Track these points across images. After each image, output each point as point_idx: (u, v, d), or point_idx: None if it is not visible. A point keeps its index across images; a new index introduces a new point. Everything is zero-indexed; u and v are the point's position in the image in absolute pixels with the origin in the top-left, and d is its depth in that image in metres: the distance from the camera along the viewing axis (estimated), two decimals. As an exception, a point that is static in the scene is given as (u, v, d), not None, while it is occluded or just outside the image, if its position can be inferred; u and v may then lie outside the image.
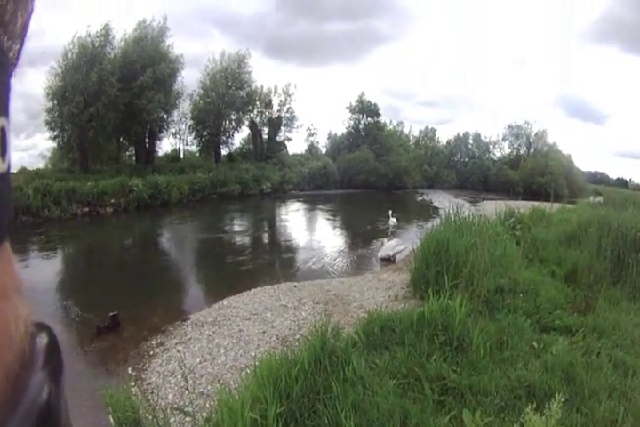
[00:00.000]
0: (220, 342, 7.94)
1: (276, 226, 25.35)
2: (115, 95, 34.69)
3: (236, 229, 24.07)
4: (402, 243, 15.82)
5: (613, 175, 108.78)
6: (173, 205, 31.73)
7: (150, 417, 4.76)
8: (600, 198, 22.60)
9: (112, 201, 29.81)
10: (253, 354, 7.27)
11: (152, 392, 6.41)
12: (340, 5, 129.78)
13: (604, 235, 9.55)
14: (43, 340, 0.43)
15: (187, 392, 5.75)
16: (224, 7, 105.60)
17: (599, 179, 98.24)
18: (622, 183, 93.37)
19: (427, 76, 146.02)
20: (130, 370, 7.40)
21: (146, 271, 14.98)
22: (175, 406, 5.77)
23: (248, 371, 6.00)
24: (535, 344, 5.68)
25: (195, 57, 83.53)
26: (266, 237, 21.41)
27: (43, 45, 72.81)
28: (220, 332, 8.47)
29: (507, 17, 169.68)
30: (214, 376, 6.68)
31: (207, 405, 5.66)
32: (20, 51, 0.39)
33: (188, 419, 5.09)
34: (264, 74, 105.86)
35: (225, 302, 10.35)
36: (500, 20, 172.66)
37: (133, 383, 6.70)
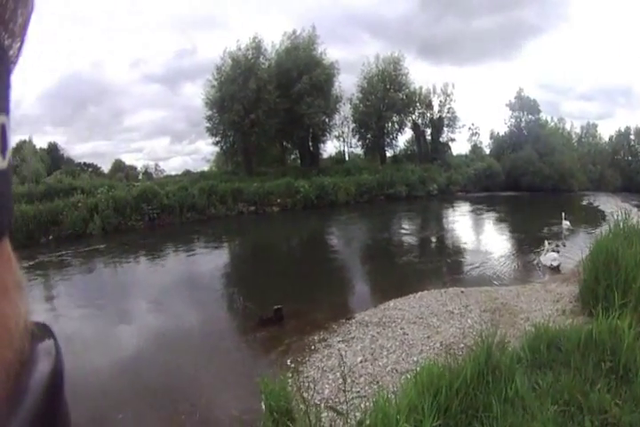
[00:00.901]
0: (383, 344, 7.93)
1: (444, 228, 24.99)
2: (274, 102, 36.92)
3: (404, 230, 24.02)
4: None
5: None
6: (340, 206, 32.47)
7: (302, 410, 4.83)
8: None
9: (278, 201, 31.62)
10: (415, 359, 7.17)
11: (308, 386, 6.47)
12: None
13: None
14: (43, 339, 0.44)
15: (342, 390, 5.78)
16: (371, 11, 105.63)
17: None
18: None
19: (582, 68, 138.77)
20: (289, 362, 7.63)
21: (311, 268, 15.48)
22: (330, 402, 5.93)
23: (408, 376, 5.93)
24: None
25: (349, 62, 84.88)
26: (433, 239, 21.12)
27: (196, 62, 77.06)
28: (383, 333, 8.46)
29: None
30: (373, 377, 6.69)
31: (362, 406, 5.57)
32: (20, 49, 0.40)
33: (339, 419, 5.09)
34: (419, 75, 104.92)
35: (391, 303, 10.32)
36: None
37: (291, 375, 6.86)
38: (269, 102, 36.91)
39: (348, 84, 47.94)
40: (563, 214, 21.29)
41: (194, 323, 10.50)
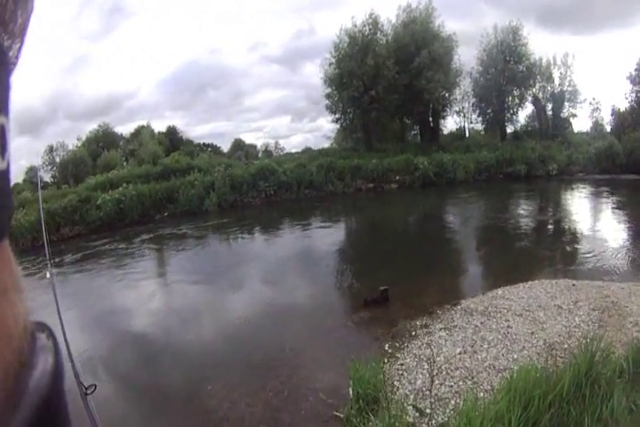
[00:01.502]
0: (485, 336, 7.66)
1: (562, 212, 23.69)
2: (393, 78, 36.65)
3: (521, 212, 23.17)
4: None
5: None
6: (458, 184, 31.81)
7: (385, 404, 4.83)
8: None
9: (397, 178, 31.49)
10: (515, 356, 6.82)
11: (402, 374, 6.47)
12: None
13: None
14: (42, 339, 0.44)
15: (436, 381, 5.61)
16: None
17: None
18: None
19: None
20: (387, 347, 7.63)
21: (423, 249, 15.33)
22: (420, 394, 5.79)
23: (505, 375, 5.69)
24: None
25: (467, 34, 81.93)
26: (550, 224, 20.22)
27: (313, 41, 77.25)
28: (487, 324, 8.19)
29: None
30: (469, 372, 6.45)
31: (452, 403, 5.53)
32: (19, 50, 0.40)
33: (421, 418, 4.97)
34: (539, 45, 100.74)
35: (499, 291, 9.99)
36: None
37: (386, 360, 6.92)
38: (388, 78, 36.69)
39: (467, 57, 46.35)
40: None
41: (300, 300, 10.75)
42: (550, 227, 19.76)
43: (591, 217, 22.79)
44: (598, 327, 7.49)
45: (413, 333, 8.13)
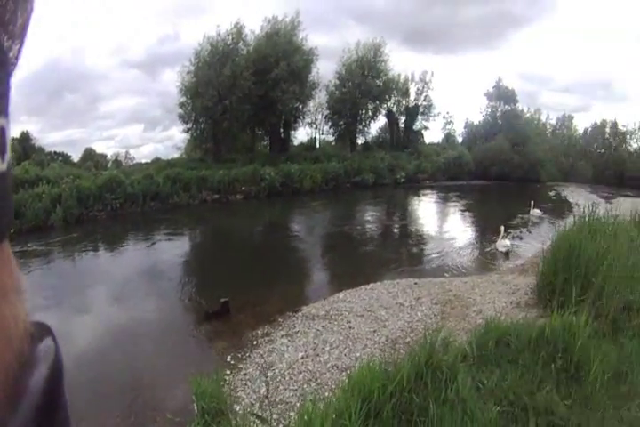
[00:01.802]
0: (327, 338, 7.74)
1: (407, 217, 24.96)
2: (249, 88, 36.54)
3: (366, 218, 23.82)
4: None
5: None
6: (305, 194, 32.22)
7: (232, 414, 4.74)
8: None
9: (243, 188, 31.12)
10: (358, 355, 6.99)
11: (246, 384, 6.36)
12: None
13: None
14: (42, 339, 0.42)
15: (281, 387, 5.82)
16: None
17: None
18: None
19: (563, 60, 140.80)
20: (229, 358, 7.46)
21: (267, 258, 15.18)
22: (266, 402, 5.60)
23: (349, 372, 5.70)
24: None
25: (333, 49, 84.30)
26: (395, 229, 21.12)
27: (177, 48, 76.44)
28: (329, 327, 8.29)
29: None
30: (312, 375, 6.49)
31: (297, 406, 5.47)
32: (19, 50, 0.39)
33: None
34: (401, 63, 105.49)
35: (341, 295, 10.17)
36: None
37: (229, 372, 6.79)
38: (244, 88, 36.59)
39: (327, 70, 47.69)
40: (532, 203, 21.61)
41: (143, 318, 10.22)
42: (396, 231, 20.72)
43: (437, 219, 24.49)
44: (441, 319, 7.94)
45: (255, 342, 8.04)
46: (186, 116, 39.29)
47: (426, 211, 27.17)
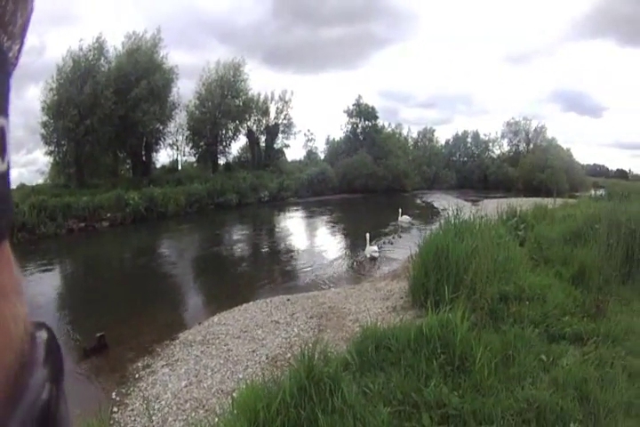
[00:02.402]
0: (208, 363, 7.60)
1: (274, 235, 25.05)
2: (110, 108, 34.58)
3: (234, 239, 23.77)
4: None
5: (613, 167, 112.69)
6: (170, 218, 31.44)
7: None
8: (602, 191, 23.05)
9: (108, 215, 29.56)
10: (241, 376, 6.90)
11: (135, 420, 6.10)
12: (337, 10, 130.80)
13: (612, 231, 9.07)
14: (42, 339, 0.42)
15: (170, 418, 5.68)
16: (223, 16, 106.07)
17: (599, 171, 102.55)
18: (622, 175, 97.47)
19: (424, 78, 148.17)
20: (114, 395, 7.12)
21: (140, 286, 14.74)
22: None
23: (235, 395, 5.46)
24: (544, 357, 5.21)
25: (194, 68, 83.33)
26: (264, 247, 21.09)
27: (43, 61, 73.10)
28: (207, 351, 8.14)
29: (502, 14, 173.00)
30: (199, 402, 6.34)
31: None
32: (19, 51, 0.39)
33: None
34: (263, 82, 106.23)
35: (215, 318, 10.04)
36: (495, 18, 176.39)
37: (116, 409, 6.48)
38: (105, 108, 34.50)
39: (187, 90, 46.60)
40: (400, 210, 22.30)
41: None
42: (264, 249, 20.76)
43: (305, 234, 24.95)
44: (318, 332, 8.02)
45: (137, 375, 7.72)
46: (48, 138, 36.25)
47: (293, 227, 27.56)
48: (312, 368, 4.59)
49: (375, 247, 15.72)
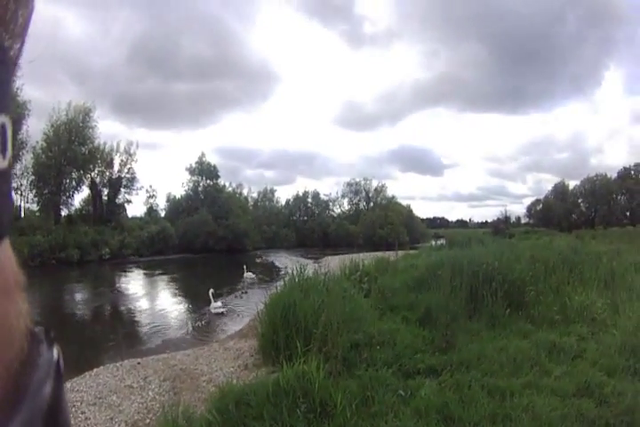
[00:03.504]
0: None
1: (118, 296, 23.75)
2: None
3: (76, 300, 22.87)
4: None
5: (453, 218, 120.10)
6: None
7: None
8: (442, 240, 24.73)
9: None
10: None
11: None
12: (191, 64, 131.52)
13: (455, 274, 10.06)
14: (42, 339, 0.42)
15: None
16: (79, 55, 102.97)
17: (439, 223, 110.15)
18: (462, 224, 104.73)
19: (267, 138, 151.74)
20: None
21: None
22: None
23: None
24: (402, 392, 5.50)
25: (44, 106, 79.55)
26: (107, 309, 20.32)
27: None
28: None
29: (348, 81, 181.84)
30: None
31: None
32: (20, 49, 0.39)
33: None
34: (109, 132, 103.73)
35: (68, 384, 9.09)
36: (340, 84, 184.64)
37: None
38: None
39: (36, 129, 43.93)
40: (244, 267, 22.71)
41: None
42: (110, 311, 20.00)
43: (147, 296, 23.84)
44: (174, 395, 7.81)
45: None
46: None
47: (136, 288, 26.82)
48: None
49: (219, 303, 15.87)
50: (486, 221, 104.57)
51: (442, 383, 5.72)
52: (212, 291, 15.81)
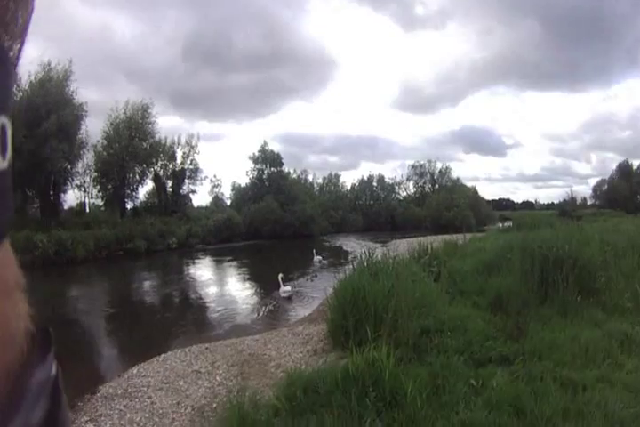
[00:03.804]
0: (133, 418, 7.08)
1: (186, 284, 24.09)
2: (20, 141, 31.94)
3: (146, 288, 22.86)
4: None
5: (519, 199, 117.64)
6: (80, 264, 30.01)
7: None
8: (509, 223, 24.15)
9: (19, 258, 28.03)
10: None
11: None
12: (244, 55, 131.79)
13: (526, 258, 9.66)
14: (42, 339, 0.41)
15: None
16: (133, 55, 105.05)
17: (505, 205, 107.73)
18: (528, 206, 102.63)
19: (329, 124, 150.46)
20: None
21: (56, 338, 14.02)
22: None
23: None
24: (474, 381, 5.33)
25: (102, 105, 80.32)
26: (177, 297, 20.52)
27: None
28: (131, 405, 7.61)
29: (406, 63, 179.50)
30: None
31: None
32: (20, 50, 0.39)
33: None
34: (169, 126, 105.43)
35: (135, 370, 9.43)
36: (400, 66, 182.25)
37: None
38: (15, 140, 32.48)
39: (95, 129, 44.27)
40: (314, 251, 22.42)
41: None
42: (178, 298, 20.16)
43: (217, 282, 24.09)
44: (242, 380, 7.73)
45: None
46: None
47: (204, 275, 26.83)
48: (243, 416, 4.53)
49: (288, 287, 15.85)
50: (552, 203, 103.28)
51: (513, 373, 5.53)
52: (281, 275, 15.81)
